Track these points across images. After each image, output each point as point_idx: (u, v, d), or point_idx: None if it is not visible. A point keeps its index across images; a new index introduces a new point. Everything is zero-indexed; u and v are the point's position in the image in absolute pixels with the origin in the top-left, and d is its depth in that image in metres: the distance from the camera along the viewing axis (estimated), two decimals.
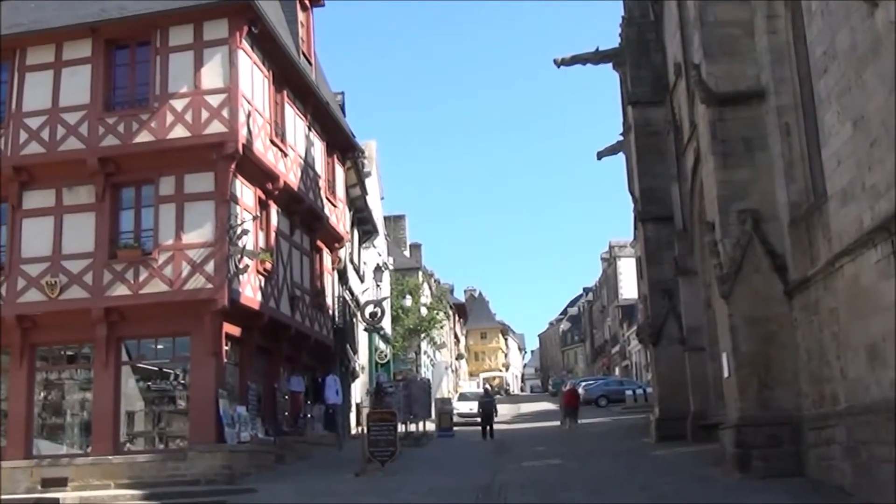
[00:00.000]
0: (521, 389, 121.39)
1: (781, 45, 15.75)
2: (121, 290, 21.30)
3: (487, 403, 34.13)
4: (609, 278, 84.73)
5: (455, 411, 37.07)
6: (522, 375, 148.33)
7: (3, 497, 19.23)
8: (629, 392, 48.54)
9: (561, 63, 29.17)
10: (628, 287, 72.58)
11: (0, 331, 21.65)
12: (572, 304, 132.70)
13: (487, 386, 63.28)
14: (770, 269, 15.86)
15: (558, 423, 37.04)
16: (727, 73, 16.93)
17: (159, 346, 22.30)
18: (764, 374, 15.61)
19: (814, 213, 14.40)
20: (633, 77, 27.12)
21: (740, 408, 15.70)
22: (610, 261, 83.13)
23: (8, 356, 22.15)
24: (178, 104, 21.59)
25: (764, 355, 15.66)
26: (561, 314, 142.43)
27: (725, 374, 16.97)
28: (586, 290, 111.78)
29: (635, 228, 35.18)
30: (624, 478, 17.57)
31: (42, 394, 22.28)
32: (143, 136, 21.58)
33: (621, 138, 32.08)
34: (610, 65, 29.47)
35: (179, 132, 21.44)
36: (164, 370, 22.10)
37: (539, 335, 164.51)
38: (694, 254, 22.57)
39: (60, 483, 19.91)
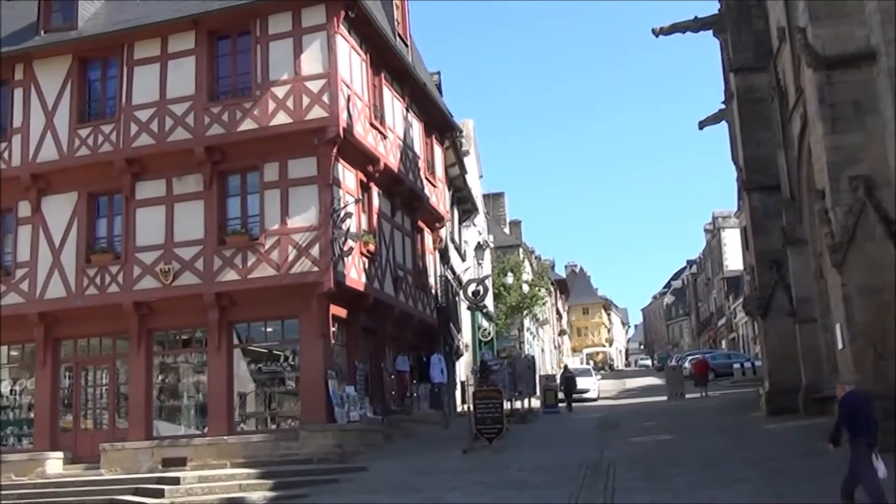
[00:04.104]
0: (626, 364, 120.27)
1: (892, 5, 15.18)
2: (230, 275, 21.88)
3: (569, 379, 36.53)
4: (713, 250, 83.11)
5: (560, 387, 36.99)
6: (626, 350, 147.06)
7: (129, 476, 20.03)
8: (737, 365, 47.67)
9: (659, 32, 28.70)
10: (733, 258, 71.07)
11: (119, 317, 22.53)
12: (676, 277, 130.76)
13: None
14: (885, 237, 15.39)
15: (665, 398, 36.69)
16: (834, 35, 16.44)
17: (269, 329, 22.85)
18: (880, 344, 15.19)
19: None
20: (735, 43, 26.48)
21: (855, 380, 15.30)
22: (714, 232, 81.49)
23: (127, 342, 23.04)
24: (280, 91, 21.98)
25: (880, 326, 15.23)
26: (664, 287, 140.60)
27: (839, 346, 16.57)
28: (690, 263, 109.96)
29: (740, 198, 34.47)
30: (734, 453, 17.34)
31: (159, 377, 23.10)
32: (247, 124, 22.06)
33: (723, 106, 31.39)
34: (710, 32, 28.87)
35: (282, 119, 21.84)
36: (274, 352, 22.64)
37: (642, 309, 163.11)
38: (803, 223, 21.98)
39: (180, 463, 20.62)
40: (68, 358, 23.90)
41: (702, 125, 33.78)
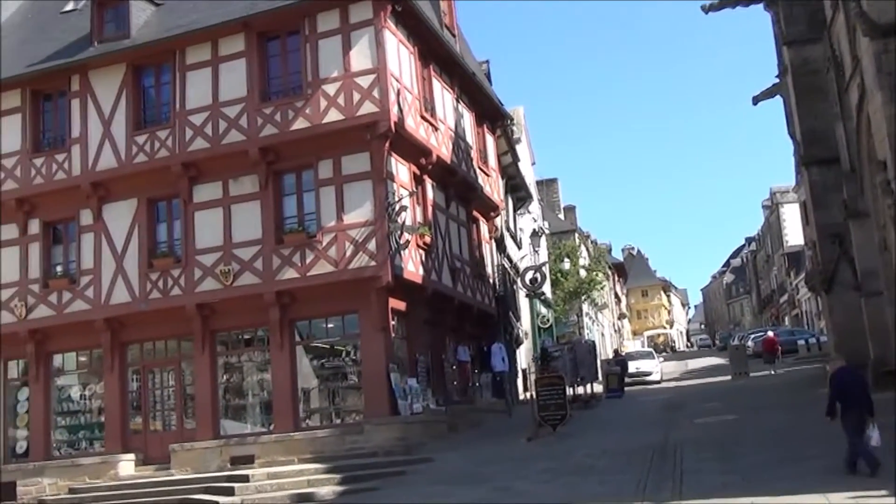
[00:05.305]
0: (688, 346, 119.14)
1: None
2: (290, 273, 22.09)
3: (621, 362, 37.73)
4: (772, 226, 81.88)
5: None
6: (687, 331, 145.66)
7: (199, 475, 20.36)
8: (801, 342, 46.96)
9: (709, 9, 28.29)
10: (793, 234, 70.00)
11: (183, 319, 22.92)
12: (735, 255, 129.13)
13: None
14: None
15: (729, 377, 36.29)
16: (890, 1, 16.05)
17: (329, 325, 23.03)
18: None
19: None
20: (787, 16, 26.03)
21: None
22: (772, 208, 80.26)
23: (191, 343, 23.42)
24: (331, 88, 22.10)
25: None
26: (723, 266, 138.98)
27: None
28: (748, 240, 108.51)
29: (798, 173, 33.94)
30: (802, 431, 17.08)
31: (224, 377, 23.45)
32: (300, 123, 22.23)
33: (777, 80, 30.87)
34: (760, 6, 28.37)
35: (333, 116, 21.96)
36: (336, 348, 22.83)
37: (702, 289, 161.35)
38: (864, 195, 21.56)
39: (248, 460, 20.90)
40: (135, 361, 24.37)
41: (756, 100, 33.25)
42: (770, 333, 43.24)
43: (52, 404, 24.74)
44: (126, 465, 22.60)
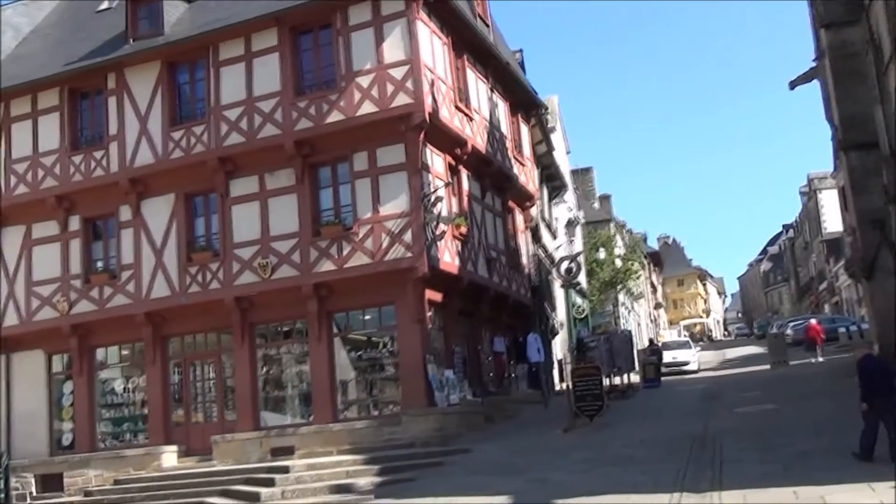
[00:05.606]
0: (725, 335, 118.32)
1: None
2: (327, 265, 22.18)
3: (656, 351, 38.48)
4: (810, 213, 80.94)
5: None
6: (724, 320, 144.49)
7: (240, 466, 20.58)
8: (842, 329, 46.35)
9: None
10: (832, 220, 69.13)
11: (222, 312, 23.11)
12: (772, 242, 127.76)
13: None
14: None
15: (768, 366, 35.99)
16: None
17: (366, 317, 23.09)
18: None
19: None
20: None
21: None
22: (810, 194, 79.33)
23: (230, 336, 23.63)
24: (364, 81, 22.14)
25: None
26: (760, 254, 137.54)
27: None
28: (786, 227, 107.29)
29: (836, 158, 33.51)
30: (844, 420, 16.81)
31: (264, 369, 23.62)
32: (334, 116, 22.28)
33: (814, 64, 30.51)
34: None
35: (367, 108, 21.98)
36: (373, 339, 22.92)
37: (739, 278, 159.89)
38: None
39: (288, 451, 21.06)
40: (176, 354, 24.65)
41: (793, 85, 32.91)
42: (812, 321, 42.71)
43: (96, 397, 25.10)
44: (169, 457, 22.86)
